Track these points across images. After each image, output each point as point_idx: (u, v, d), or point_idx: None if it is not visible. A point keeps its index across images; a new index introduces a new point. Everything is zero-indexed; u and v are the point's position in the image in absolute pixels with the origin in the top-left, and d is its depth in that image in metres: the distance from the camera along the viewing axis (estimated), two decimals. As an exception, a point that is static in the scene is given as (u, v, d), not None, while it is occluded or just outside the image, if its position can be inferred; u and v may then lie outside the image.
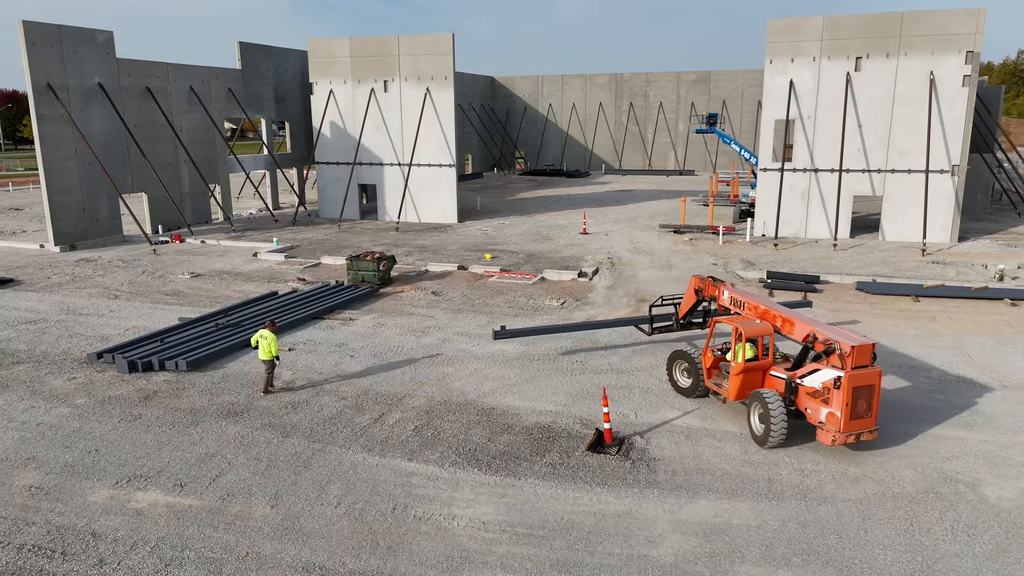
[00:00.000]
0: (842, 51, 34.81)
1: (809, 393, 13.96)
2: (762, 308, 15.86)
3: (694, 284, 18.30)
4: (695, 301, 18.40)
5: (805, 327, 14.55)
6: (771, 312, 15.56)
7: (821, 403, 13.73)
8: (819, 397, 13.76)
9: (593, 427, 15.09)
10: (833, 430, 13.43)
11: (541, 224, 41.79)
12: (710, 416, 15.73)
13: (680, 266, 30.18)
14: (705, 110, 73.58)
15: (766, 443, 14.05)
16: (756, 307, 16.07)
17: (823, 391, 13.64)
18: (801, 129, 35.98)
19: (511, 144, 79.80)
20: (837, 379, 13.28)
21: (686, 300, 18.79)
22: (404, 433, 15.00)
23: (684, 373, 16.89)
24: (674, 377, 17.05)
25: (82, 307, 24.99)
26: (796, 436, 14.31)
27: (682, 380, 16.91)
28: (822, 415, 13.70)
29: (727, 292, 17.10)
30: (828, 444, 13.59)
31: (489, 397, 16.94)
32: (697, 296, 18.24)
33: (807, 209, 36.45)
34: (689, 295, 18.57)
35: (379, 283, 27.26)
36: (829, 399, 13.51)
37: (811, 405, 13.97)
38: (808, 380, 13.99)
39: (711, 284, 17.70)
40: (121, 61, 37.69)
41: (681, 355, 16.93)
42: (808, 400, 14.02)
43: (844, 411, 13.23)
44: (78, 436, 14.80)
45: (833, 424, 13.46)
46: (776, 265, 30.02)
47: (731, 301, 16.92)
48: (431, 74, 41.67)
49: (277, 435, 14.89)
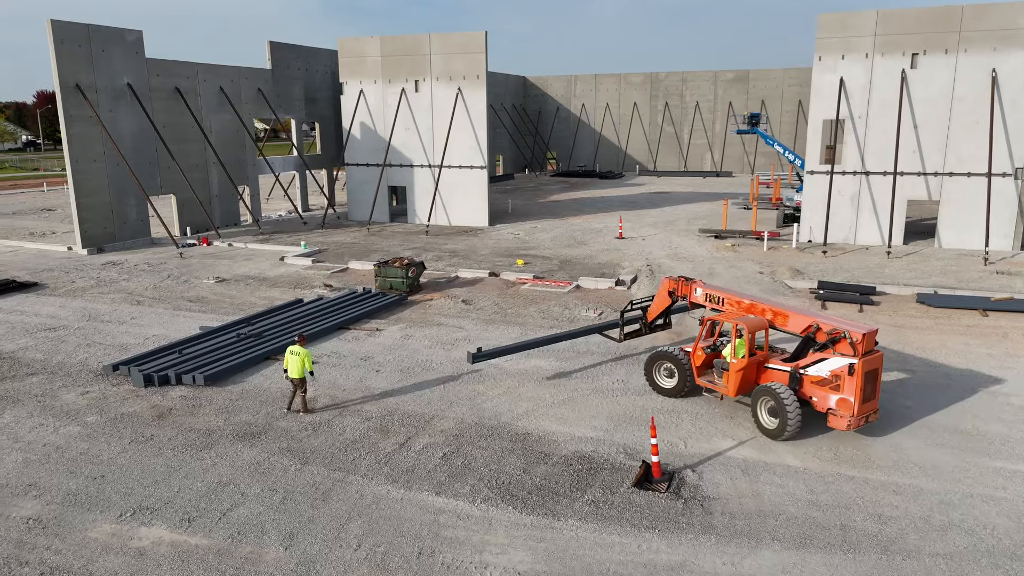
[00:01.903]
0: (897, 47, 32.86)
1: (815, 382, 14.36)
2: (747, 302, 16.06)
3: (668, 286, 18.07)
4: (669, 303, 18.25)
5: (803, 318, 15.04)
6: (759, 305, 15.82)
7: (830, 390, 14.17)
8: (827, 385, 14.20)
9: (639, 458, 13.72)
10: (847, 415, 13.92)
11: (575, 228, 40.40)
12: (767, 447, 14.26)
13: (724, 274, 28.58)
14: (743, 110, 71.52)
15: (782, 435, 14.21)
16: (739, 301, 16.23)
17: (831, 379, 14.12)
18: (851, 129, 34.09)
19: (543, 145, 78.46)
20: (851, 366, 13.80)
21: (658, 303, 18.55)
22: (432, 461, 13.79)
23: (666, 373, 16.66)
24: (655, 379, 16.83)
25: (104, 313, 24.26)
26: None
27: (665, 381, 16.68)
28: (831, 402, 14.17)
29: (700, 289, 17.23)
30: (843, 429, 14.07)
31: (524, 420, 15.66)
32: (671, 298, 18.08)
33: (857, 214, 34.54)
34: (663, 297, 18.33)
35: (408, 290, 26.14)
36: (840, 386, 14.01)
37: (817, 393, 14.37)
38: (813, 369, 14.39)
39: (684, 283, 17.64)
40: (150, 61, 37.16)
41: (663, 356, 16.63)
42: (814, 389, 14.41)
43: (858, 396, 13.82)
44: (85, 459, 13.84)
45: (846, 410, 13.95)
46: (826, 274, 28.27)
47: (706, 298, 17.05)
48: (463, 73, 40.52)
49: (295, 461, 13.77)
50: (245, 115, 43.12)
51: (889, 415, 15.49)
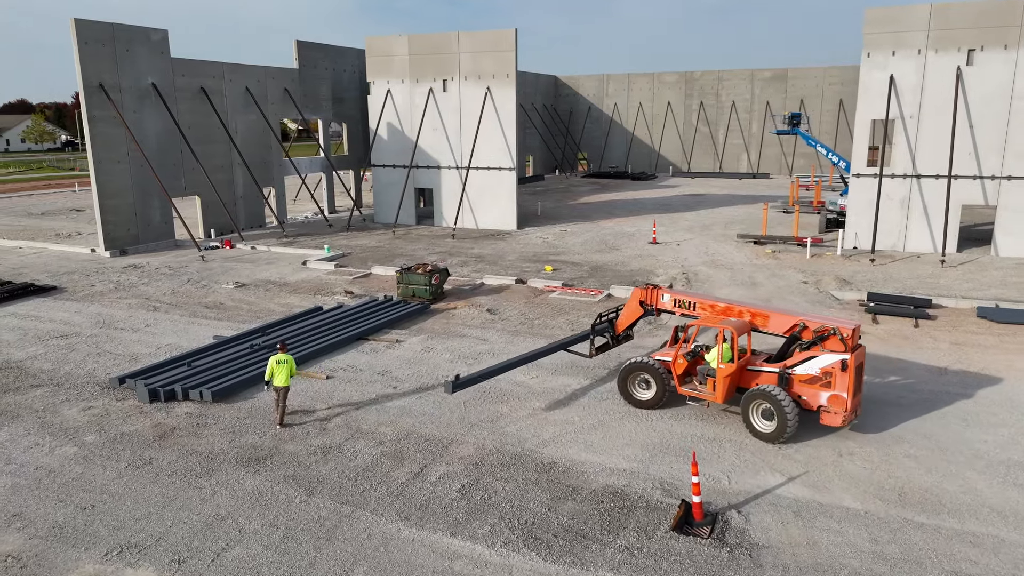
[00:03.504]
0: (951, 42, 30.87)
1: (804, 381, 14.33)
2: (722, 305, 15.89)
3: (639, 296, 17.36)
4: (640, 314, 17.57)
5: (786, 318, 15.07)
6: (735, 308, 15.66)
7: (821, 388, 14.19)
8: (818, 383, 14.19)
9: (677, 495, 12.37)
10: (841, 411, 13.96)
11: (606, 232, 38.97)
12: (822, 484, 12.79)
13: (765, 284, 26.97)
14: (781, 109, 69.36)
15: (781, 437, 14.04)
16: (713, 305, 15.99)
17: (822, 376, 14.12)
18: (901, 130, 32.16)
19: (574, 145, 76.99)
20: (843, 362, 13.90)
21: (629, 314, 17.78)
22: (448, 495, 12.58)
23: (643, 385, 15.99)
24: (631, 392, 16.09)
25: (119, 320, 23.53)
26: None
27: (642, 393, 16.01)
28: (823, 399, 14.17)
29: (667, 295, 16.82)
30: (838, 425, 14.12)
31: (550, 447, 14.38)
32: (643, 308, 17.38)
33: (906, 219, 32.58)
34: (633, 308, 17.57)
35: (431, 298, 25.02)
36: (831, 382, 14.05)
37: (807, 392, 14.33)
38: (801, 368, 14.36)
39: (652, 290, 17.13)
40: (175, 60, 36.62)
41: (638, 367, 15.95)
42: (803, 388, 14.35)
43: (851, 391, 13.96)
44: (77, 486, 12.88)
45: (839, 405, 14.00)
46: (875, 284, 26.50)
47: (675, 303, 16.64)
48: (492, 72, 39.32)
49: (301, 492, 12.67)
50: (271, 115, 42.45)
51: (955, 448, 13.93)
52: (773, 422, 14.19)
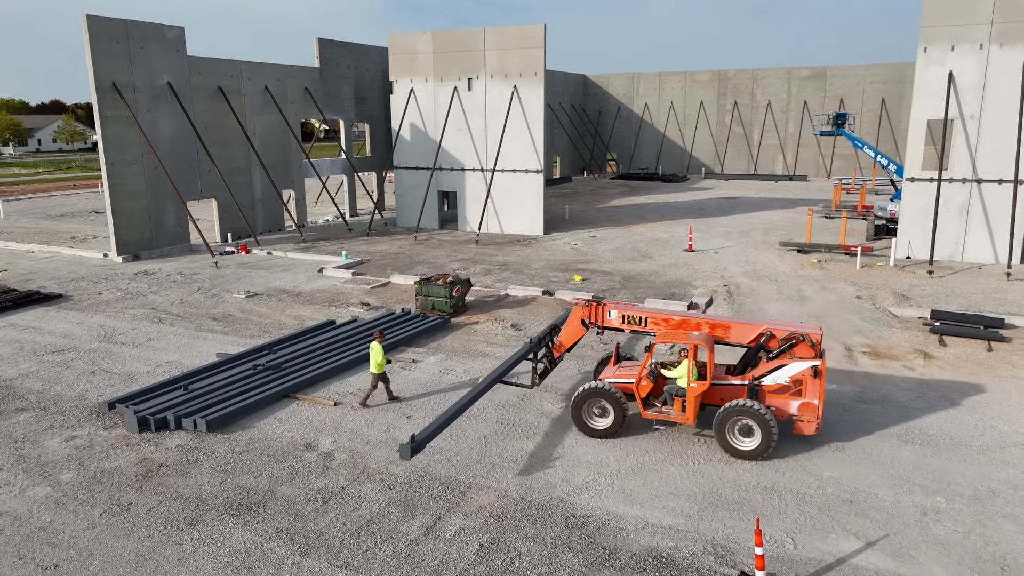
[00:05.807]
0: (1018, 36, 28.40)
1: (773, 391, 13.81)
2: (676, 319, 14.80)
3: (580, 314, 15.72)
4: (582, 334, 15.98)
5: (748, 327, 14.37)
6: (692, 320, 14.67)
7: (791, 396, 13.75)
8: (788, 392, 13.74)
9: (734, 563, 10.46)
10: (814, 419, 13.64)
11: (638, 238, 36.96)
12: (905, 551, 10.79)
13: (815, 298, 24.80)
14: (820, 109, 66.74)
15: (765, 453, 13.33)
16: (667, 319, 14.84)
17: (792, 385, 13.70)
18: (961, 131, 29.74)
19: (603, 146, 74.93)
20: (815, 368, 13.53)
21: (570, 335, 16.03)
22: (464, 557, 10.79)
23: (599, 412, 14.55)
24: (586, 422, 14.61)
25: (121, 333, 22.15)
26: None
27: (598, 422, 14.58)
28: (793, 408, 13.76)
29: (614, 311, 15.32)
30: (812, 433, 13.74)
31: (582, 495, 12.53)
32: (584, 327, 15.78)
33: (965, 227, 30.15)
34: (575, 328, 15.89)
35: (451, 312, 23.30)
36: (802, 390, 13.66)
37: (776, 402, 13.79)
38: (769, 379, 13.82)
39: (596, 307, 15.52)
40: (192, 59, 35.35)
41: (594, 393, 14.42)
42: (773, 398, 13.80)
43: (821, 398, 13.66)
44: (41, 539, 11.31)
45: (811, 414, 13.66)
46: (936, 299, 24.22)
47: (623, 320, 15.20)
48: (519, 70, 37.52)
49: (294, 551, 10.97)
50: (291, 116, 41.08)
51: (1064, 508, 11.81)
52: (753, 438, 13.43)
